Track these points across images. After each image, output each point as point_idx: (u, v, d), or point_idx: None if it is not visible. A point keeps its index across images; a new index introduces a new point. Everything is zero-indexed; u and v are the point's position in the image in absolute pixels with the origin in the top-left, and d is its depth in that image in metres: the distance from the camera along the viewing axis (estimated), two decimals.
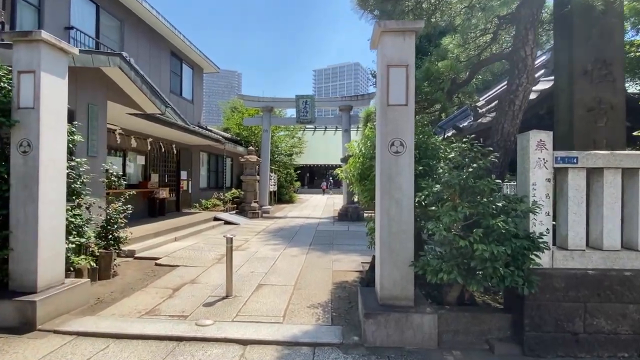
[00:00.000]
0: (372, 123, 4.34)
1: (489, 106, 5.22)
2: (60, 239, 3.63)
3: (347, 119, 13.69)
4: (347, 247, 7.04)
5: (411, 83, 3.12)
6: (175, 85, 13.48)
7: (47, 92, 3.44)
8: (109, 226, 4.92)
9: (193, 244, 7.06)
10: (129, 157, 9.41)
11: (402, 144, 3.09)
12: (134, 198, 9.29)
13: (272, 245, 7.17)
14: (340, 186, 39.83)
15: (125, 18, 10.34)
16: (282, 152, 21.54)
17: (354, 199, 12.26)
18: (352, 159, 4.19)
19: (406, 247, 3.09)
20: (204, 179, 14.46)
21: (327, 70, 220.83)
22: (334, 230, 9.37)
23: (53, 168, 3.51)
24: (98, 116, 5.63)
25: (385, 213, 3.10)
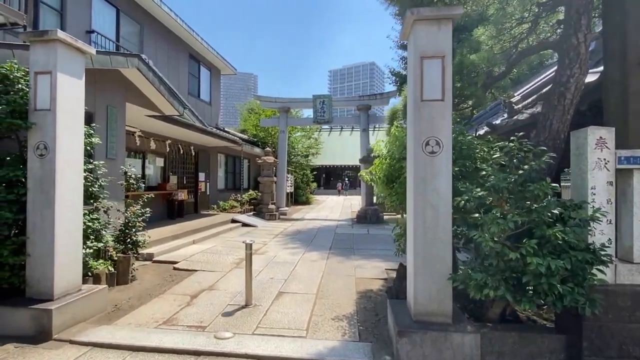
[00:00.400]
0: (398, 121, 4.07)
1: (525, 102, 4.82)
2: (77, 244, 3.53)
3: (365, 118, 13.38)
4: (369, 252, 6.75)
5: (448, 76, 2.82)
6: (193, 88, 13.54)
7: (64, 93, 3.34)
8: (128, 230, 4.83)
9: (211, 247, 6.94)
10: (148, 159, 9.45)
11: (438, 143, 2.80)
12: (153, 200, 9.31)
13: (291, 249, 6.97)
14: (357, 187, 39.52)
15: (145, 21, 10.42)
16: (298, 153, 21.40)
17: (373, 200, 11.93)
18: (378, 159, 3.92)
19: (443, 258, 2.79)
20: (222, 181, 14.46)
21: (343, 70, 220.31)
22: (353, 234, 9.08)
23: (70, 171, 3.41)
24: (117, 118, 5.58)
25: (419, 219, 2.81)
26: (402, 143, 3.41)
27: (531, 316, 3.31)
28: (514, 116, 4.68)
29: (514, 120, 4.55)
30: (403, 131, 3.52)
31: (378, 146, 3.89)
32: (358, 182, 39.94)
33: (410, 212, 2.97)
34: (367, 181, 4.07)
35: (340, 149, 37.48)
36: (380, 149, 3.84)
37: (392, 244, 7.81)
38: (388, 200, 3.82)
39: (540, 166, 2.46)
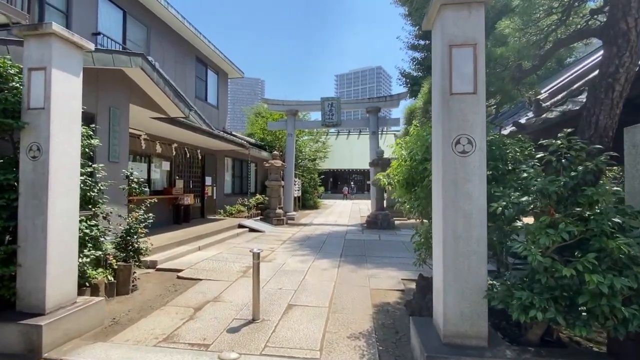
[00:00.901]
0: (417, 120, 3.76)
1: (553, 99, 4.46)
2: (72, 254, 3.27)
3: (374, 120, 13.07)
4: (382, 260, 6.39)
5: (480, 65, 2.50)
6: (201, 91, 13.42)
7: (59, 91, 3.11)
8: (129, 237, 4.57)
9: (217, 254, 6.66)
10: (154, 162, 9.26)
11: (470, 141, 2.47)
12: (158, 205, 9.13)
13: (300, 256, 6.65)
14: (365, 191, 39.12)
15: (151, 24, 10.32)
16: (306, 157, 21.15)
17: (383, 205, 11.57)
18: (396, 162, 3.60)
19: (478, 272, 2.45)
20: (229, 185, 14.25)
21: (349, 74, 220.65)
22: (364, 240, 8.73)
23: (65, 174, 3.17)
24: (120, 120, 5.37)
25: (449, 228, 2.48)
26: (425, 142, 3.09)
27: (574, 337, 2.93)
28: (542, 114, 4.32)
29: (542, 119, 4.19)
30: (426, 129, 3.21)
31: (396, 147, 3.58)
32: (366, 186, 39.52)
33: (437, 220, 2.64)
34: (384, 185, 3.75)
35: (348, 152, 37.19)
36: (399, 150, 3.52)
37: (405, 251, 7.46)
38: (408, 206, 3.49)
39: (598, 167, 2.11)
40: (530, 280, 2.28)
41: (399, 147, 3.56)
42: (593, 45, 5.05)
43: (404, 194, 3.51)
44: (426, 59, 11.99)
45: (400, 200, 3.80)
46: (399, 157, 3.52)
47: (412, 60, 13.18)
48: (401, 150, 3.47)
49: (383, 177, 3.72)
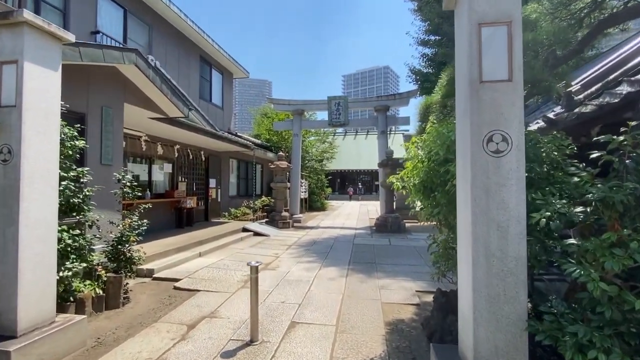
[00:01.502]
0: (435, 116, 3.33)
1: (587, 91, 3.98)
2: (49, 268, 2.94)
3: (383, 120, 12.62)
4: (393, 268, 5.96)
5: (517, 47, 2.08)
6: (205, 91, 13.16)
7: (34, 87, 2.78)
8: (120, 245, 4.25)
9: (218, 261, 6.32)
10: (155, 165, 8.99)
11: (505, 138, 2.05)
12: (160, 209, 8.86)
13: (306, 264, 6.26)
14: (372, 192, 38.63)
15: (154, 22, 10.08)
16: (312, 158, 20.78)
17: (393, 207, 11.11)
18: (412, 163, 3.18)
19: (516, 298, 2.02)
20: (234, 187, 13.96)
21: (356, 75, 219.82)
22: (373, 245, 8.29)
23: (41, 180, 2.84)
24: (113, 120, 5.07)
25: (480, 243, 2.06)
26: (446, 141, 2.67)
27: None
28: (575, 108, 3.85)
29: (576, 114, 3.72)
30: (446, 126, 2.79)
31: (411, 146, 3.16)
32: (374, 186, 38.98)
33: (464, 233, 2.22)
34: (398, 189, 3.33)
35: (355, 153, 36.75)
36: (414, 150, 3.11)
37: (418, 257, 7.02)
38: (426, 213, 3.07)
39: None
40: (583, 308, 1.84)
41: (414, 146, 3.14)
42: (630, 31, 4.56)
43: (421, 199, 3.09)
44: (437, 55, 11.51)
45: (415, 206, 3.38)
46: (414, 158, 3.10)
47: (422, 56, 12.71)
48: (417, 150, 3.05)
49: (396, 180, 3.31)
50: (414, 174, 3.15)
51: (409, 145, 3.18)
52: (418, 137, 3.20)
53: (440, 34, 11.37)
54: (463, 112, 2.26)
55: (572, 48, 3.29)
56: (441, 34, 11.15)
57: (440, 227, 3.44)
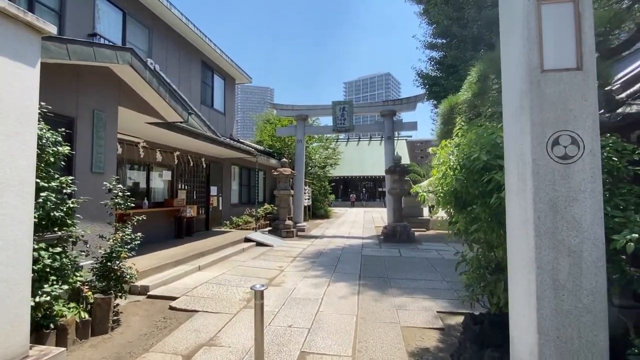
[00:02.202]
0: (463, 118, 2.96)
1: (629, 90, 3.58)
2: (21, 295, 2.53)
3: (389, 125, 12.25)
4: (409, 284, 5.50)
5: (587, 27, 1.68)
6: (206, 96, 12.86)
7: (3, 84, 2.40)
8: (110, 262, 3.83)
9: (219, 275, 5.89)
10: (154, 172, 8.61)
11: (575, 141, 1.64)
12: (158, 218, 8.45)
13: (313, 279, 5.81)
14: (376, 198, 38.14)
15: (154, 26, 9.80)
16: (316, 164, 20.40)
17: (402, 215, 10.66)
18: (440, 170, 2.77)
19: (594, 343, 1.59)
20: (235, 194, 13.56)
21: (358, 82, 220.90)
22: (383, 257, 7.84)
23: (11, 193, 2.44)
24: (106, 125, 4.70)
25: (545, 273, 1.64)
26: (488, 144, 2.26)
27: None
28: (618, 109, 3.44)
29: (621, 114, 3.31)
30: (488, 127, 2.39)
31: (440, 151, 2.75)
32: (377, 193, 38.52)
33: (521, 258, 1.80)
34: (424, 200, 2.92)
35: (358, 159, 36.41)
36: (444, 156, 2.70)
37: (433, 271, 6.56)
38: (460, 228, 2.64)
39: None
40: None
41: (444, 151, 2.73)
42: None
43: (452, 212, 2.67)
44: (447, 58, 11.17)
45: (444, 218, 2.95)
46: (444, 164, 2.69)
47: (429, 59, 12.38)
48: (449, 156, 2.64)
49: (423, 190, 2.89)
50: (442, 183, 2.74)
51: (438, 150, 2.77)
52: (448, 140, 2.79)
53: (449, 37, 11.05)
54: (515, 109, 1.84)
55: (627, 38, 2.90)
56: (450, 36, 10.83)
57: (469, 243, 3.01)
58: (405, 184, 11.16)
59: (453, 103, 4.59)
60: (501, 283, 2.51)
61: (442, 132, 4.95)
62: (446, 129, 4.83)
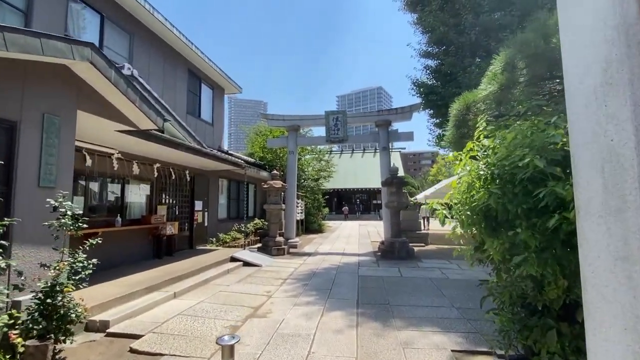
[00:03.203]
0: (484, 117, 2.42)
1: None
2: None
3: (385, 135, 11.76)
4: (414, 312, 4.81)
5: None
6: (193, 106, 12.26)
7: None
8: (51, 298, 3.09)
9: (196, 305, 5.12)
10: (130, 186, 7.87)
11: None
12: (134, 237, 7.65)
13: (304, 306, 5.09)
14: (371, 211, 37.54)
15: (136, 31, 9.25)
16: (309, 177, 19.77)
17: (400, 230, 10.02)
18: (461, 181, 2.16)
19: None
20: (223, 209, 12.80)
21: (350, 95, 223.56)
22: (382, 277, 7.14)
23: None
24: (60, 131, 4.02)
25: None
26: (539, 145, 1.66)
27: None
28: None
29: None
30: (538, 123, 1.80)
31: (466, 157, 2.14)
32: (372, 205, 37.93)
33: (613, 311, 1.16)
34: (441, 218, 2.29)
35: (352, 171, 35.97)
36: (471, 164, 2.08)
37: (439, 294, 5.85)
38: (496, 257, 2.00)
39: None
40: None
41: (467, 156, 2.12)
42: None
43: (482, 235, 2.05)
44: (444, 65, 10.79)
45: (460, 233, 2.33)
46: (469, 175, 2.08)
47: (425, 68, 12.02)
48: (477, 164, 2.03)
49: (441, 207, 2.27)
50: (466, 198, 2.12)
51: (462, 156, 2.15)
52: (475, 143, 2.18)
53: (445, 44, 10.71)
54: (596, 91, 1.24)
55: None
56: (447, 43, 10.49)
57: (498, 272, 2.38)
58: (403, 196, 10.58)
59: (469, 101, 4.04)
60: (553, 333, 1.86)
61: (455, 137, 4.39)
62: (460, 133, 4.28)
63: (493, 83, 3.33)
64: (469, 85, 9.15)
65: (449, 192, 2.61)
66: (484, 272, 7.66)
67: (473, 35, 9.08)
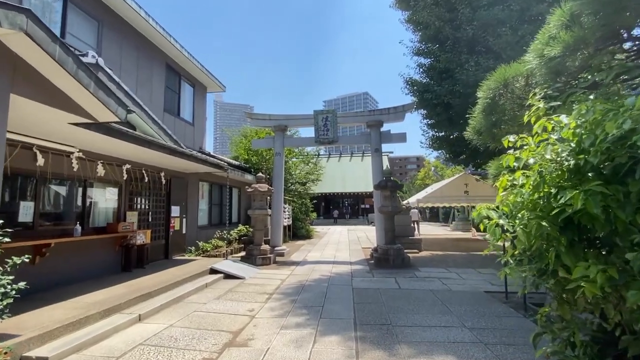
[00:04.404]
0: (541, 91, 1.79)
1: None
2: None
3: (376, 136, 11.18)
4: (422, 335, 4.14)
5: None
6: (172, 104, 11.37)
7: None
8: None
9: (164, 330, 4.30)
10: (93, 189, 6.94)
11: None
12: (97, 248, 6.67)
13: (293, 330, 4.33)
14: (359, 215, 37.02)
15: (104, 18, 8.35)
16: (296, 180, 19.03)
17: (394, 236, 9.39)
18: (518, 179, 1.50)
19: None
20: (204, 215, 11.89)
21: (337, 100, 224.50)
22: (379, 290, 6.46)
23: None
24: None
25: None
26: None
27: None
28: None
29: None
30: None
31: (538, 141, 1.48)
32: (360, 210, 37.37)
33: None
34: (499, 237, 1.62)
35: (340, 175, 35.41)
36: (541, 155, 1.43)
37: (444, 310, 5.11)
38: (591, 290, 1.34)
39: None
40: None
41: (538, 139, 1.47)
42: None
43: (565, 256, 1.39)
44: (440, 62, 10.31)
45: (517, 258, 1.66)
46: (532, 174, 1.43)
47: (418, 66, 11.57)
48: (556, 148, 1.38)
49: (497, 214, 1.60)
50: (532, 201, 1.45)
51: (526, 141, 1.50)
52: (549, 119, 1.53)
53: (440, 40, 10.25)
54: None
55: None
56: (442, 39, 10.03)
57: (564, 299, 1.74)
58: (397, 200, 9.99)
59: (509, 76, 3.36)
60: None
61: (486, 125, 3.69)
62: (492, 120, 3.59)
63: (549, 48, 2.69)
64: (467, 82, 8.70)
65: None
66: (485, 282, 7.02)
67: (470, 31, 8.64)
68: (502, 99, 3.22)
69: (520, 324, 4.46)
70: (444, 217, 35.23)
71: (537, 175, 1.43)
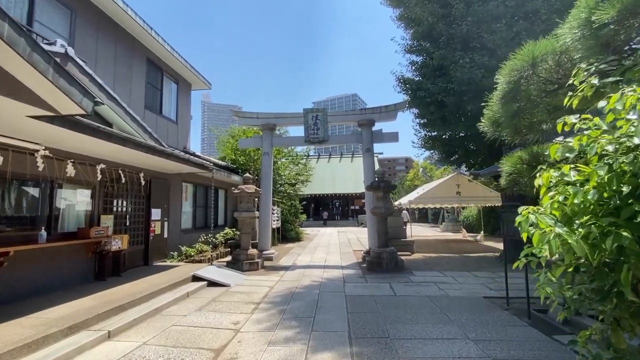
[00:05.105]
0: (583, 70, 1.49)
1: None
2: None
3: (368, 136, 10.86)
4: (423, 349, 3.77)
5: None
6: (153, 100, 10.78)
7: None
8: None
9: (136, 350, 3.81)
10: (62, 191, 6.35)
11: None
12: (65, 255, 5.98)
13: (282, 346, 3.91)
14: (349, 217, 36.74)
15: (78, 7, 7.77)
16: (285, 181, 18.56)
17: (387, 239, 9.06)
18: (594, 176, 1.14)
19: None
20: (188, 218, 11.33)
21: (326, 101, 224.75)
22: (374, 297, 6.09)
23: None
24: None
25: None
26: None
27: None
28: None
29: None
30: None
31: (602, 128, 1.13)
32: (350, 211, 37.11)
33: None
34: (558, 249, 1.25)
35: (330, 177, 35.06)
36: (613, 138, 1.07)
37: (445, 319, 4.61)
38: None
39: None
40: None
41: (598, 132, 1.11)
42: None
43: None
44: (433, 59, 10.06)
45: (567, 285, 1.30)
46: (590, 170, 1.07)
47: (411, 64, 11.32)
48: None
49: (548, 219, 1.24)
50: (601, 205, 1.09)
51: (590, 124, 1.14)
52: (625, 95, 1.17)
53: (433, 36, 10.01)
54: None
55: None
56: (435, 35, 9.79)
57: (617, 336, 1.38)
58: (389, 202, 9.66)
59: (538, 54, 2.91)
60: None
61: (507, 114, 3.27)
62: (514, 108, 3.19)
63: (600, 12, 2.25)
64: (462, 79, 8.48)
65: None
66: (483, 286, 6.69)
67: (465, 27, 8.41)
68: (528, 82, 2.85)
69: (527, 335, 4.16)
70: (432, 218, 35.29)
71: (606, 169, 1.09)
